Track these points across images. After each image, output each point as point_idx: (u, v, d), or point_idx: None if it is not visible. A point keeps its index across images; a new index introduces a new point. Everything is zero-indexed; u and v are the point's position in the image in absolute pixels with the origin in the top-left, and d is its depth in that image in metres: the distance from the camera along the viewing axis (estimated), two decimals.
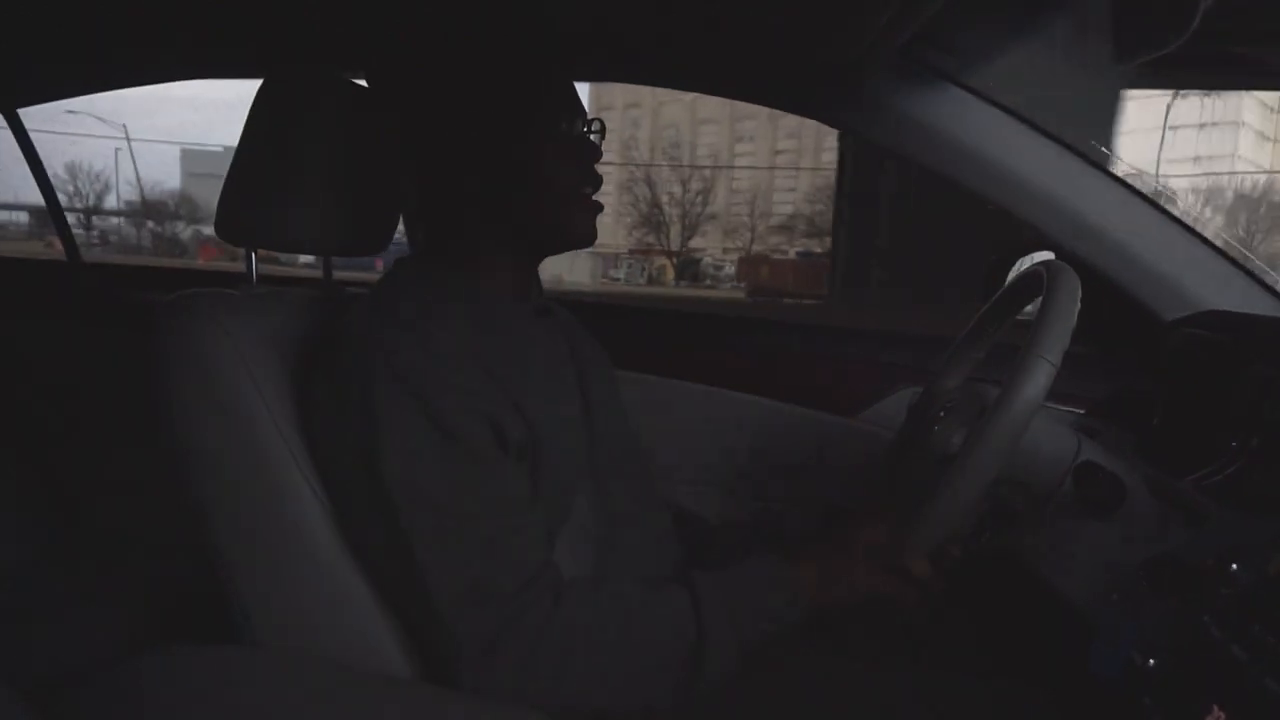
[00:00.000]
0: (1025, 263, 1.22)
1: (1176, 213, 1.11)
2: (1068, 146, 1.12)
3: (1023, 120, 1.12)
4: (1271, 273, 1.10)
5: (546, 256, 0.88)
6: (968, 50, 1.10)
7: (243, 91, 1.01)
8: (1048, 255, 1.15)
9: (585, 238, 0.84)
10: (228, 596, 0.79)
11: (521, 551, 0.72)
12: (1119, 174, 1.11)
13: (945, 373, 0.98)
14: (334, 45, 1.19)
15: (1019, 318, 0.94)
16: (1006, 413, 0.69)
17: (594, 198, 0.84)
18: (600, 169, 0.85)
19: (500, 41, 0.81)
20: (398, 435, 0.70)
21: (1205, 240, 1.10)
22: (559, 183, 0.81)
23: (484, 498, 0.72)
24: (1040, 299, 0.75)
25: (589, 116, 0.84)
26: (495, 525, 0.71)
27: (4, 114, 1.70)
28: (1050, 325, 0.71)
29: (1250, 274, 1.10)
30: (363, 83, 0.92)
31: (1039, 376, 0.69)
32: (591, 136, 0.84)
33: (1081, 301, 0.73)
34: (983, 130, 1.12)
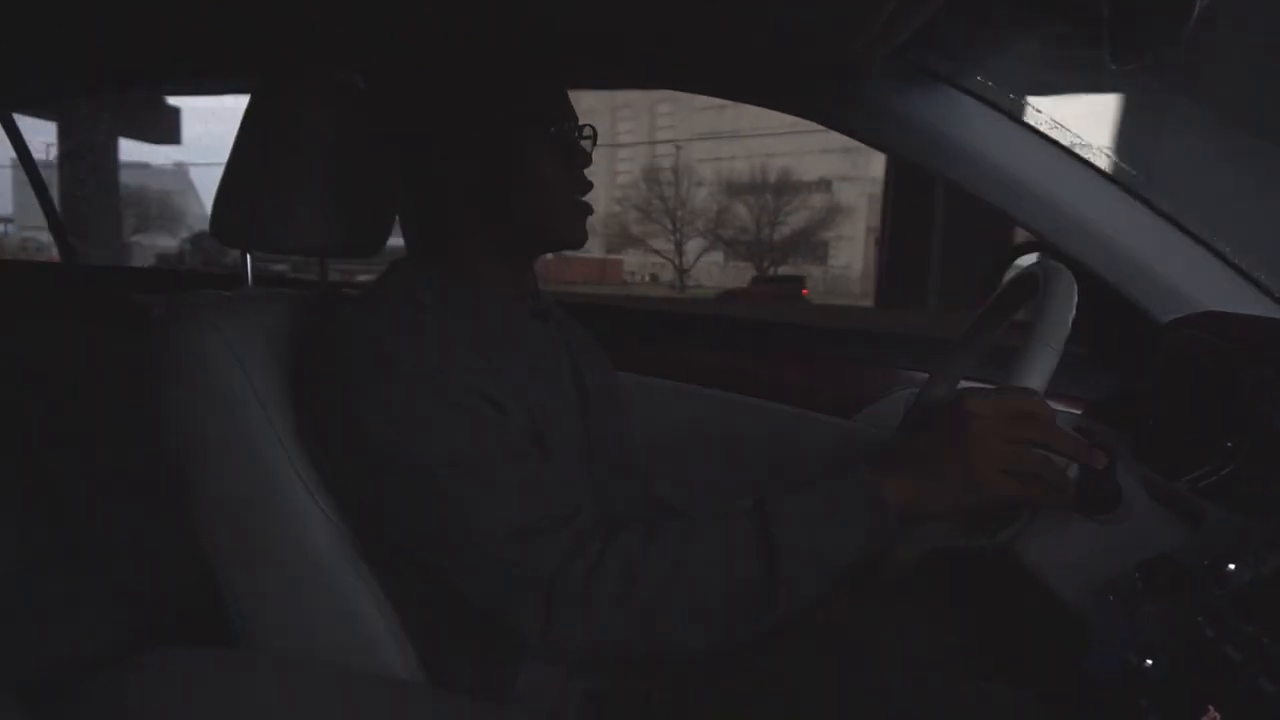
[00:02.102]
0: (1022, 263, 1.22)
1: (1173, 213, 1.11)
2: (1063, 148, 1.12)
3: (1019, 122, 1.12)
4: (1267, 274, 1.11)
5: (538, 256, 0.89)
6: (965, 52, 1.11)
7: None
8: (1044, 256, 1.15)
9: (575, 239, 0.84)
10: (224, 598, 0.79)
11: (559, 488, 0.71)
12: (1115, 175, 1.12)
13: (942, 373, 0.98)
14: (330, 45, 1.19)
15: (1016, 319, 0.94)
16: None
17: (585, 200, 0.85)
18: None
19: (494, 42, 0.81)
20: (408, 420, 0.70)
21: (1201, 241, 1.10)
22: (551, 184, 0.82)
23: (508, 449, 0.71)
24: (1037, 299, 0.75)
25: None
26: (527, 469, 0.71)
27: None
28: (1050, 316, 0.71)
29: (1246, 275, 1.10)
30: (358, 83, 0.92)
31: (1042, 363, 0.70)
32: (582, 142, 0.84)
33: (1077, 302, 0.73)
34: (979, 132, 1.12)
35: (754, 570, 0.67)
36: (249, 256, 0.92)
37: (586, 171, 0.85)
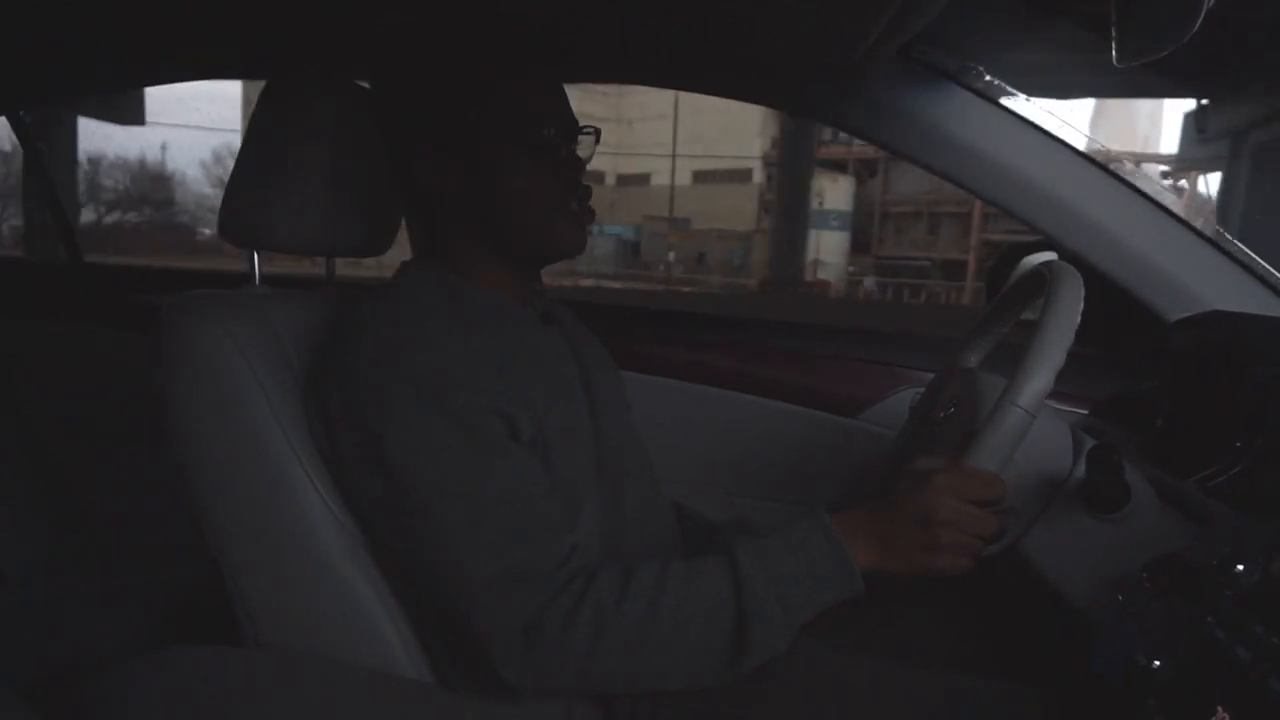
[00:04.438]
0: (1029, 263, 1.22)
1: (1180, 212, 1.11)
2: (1070, 146, 1.12)
3: (1025, 120, 1.12)
4: (1275, 273, 1.10)
5: (538, 265, 0.88)
6: (970, 50, 1.10)
7: None
8: (1051, 255, 1.15)
9: (570, 248, 0.83)
10: (232, 597, 0.79)
11: (550, 534, 0.72)
12: (1121, 173, 1.11)
13: (948, 373, 0.98)
14: (338, 47, 1.19)
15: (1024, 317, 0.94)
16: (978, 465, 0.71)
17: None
18: None
19: (465, 50, 0.80)
20: (415, 433, 0.70)
21: (1209, 240, 1.10)
22: (538, 196, 0.80)
23: (508, 485, 0.72)
24: (1043, 300, 0.75)
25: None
26: (523, 510, 0.72)
27: (6, 114, 1.71)
28: (1057, 317, 0.71)
29: (1254, 273, 1.09)
30: (365, 85, 0.93)
31: (1049, 364, 0.69)
32: (579, 146, 0.83)
33: (1085, 301, 0.73)
34: (985, 130, 1.12)
35: (725, 628, 0.69)
36: (256, 255, 0.92)
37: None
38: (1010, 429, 0.70)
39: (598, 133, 0.85)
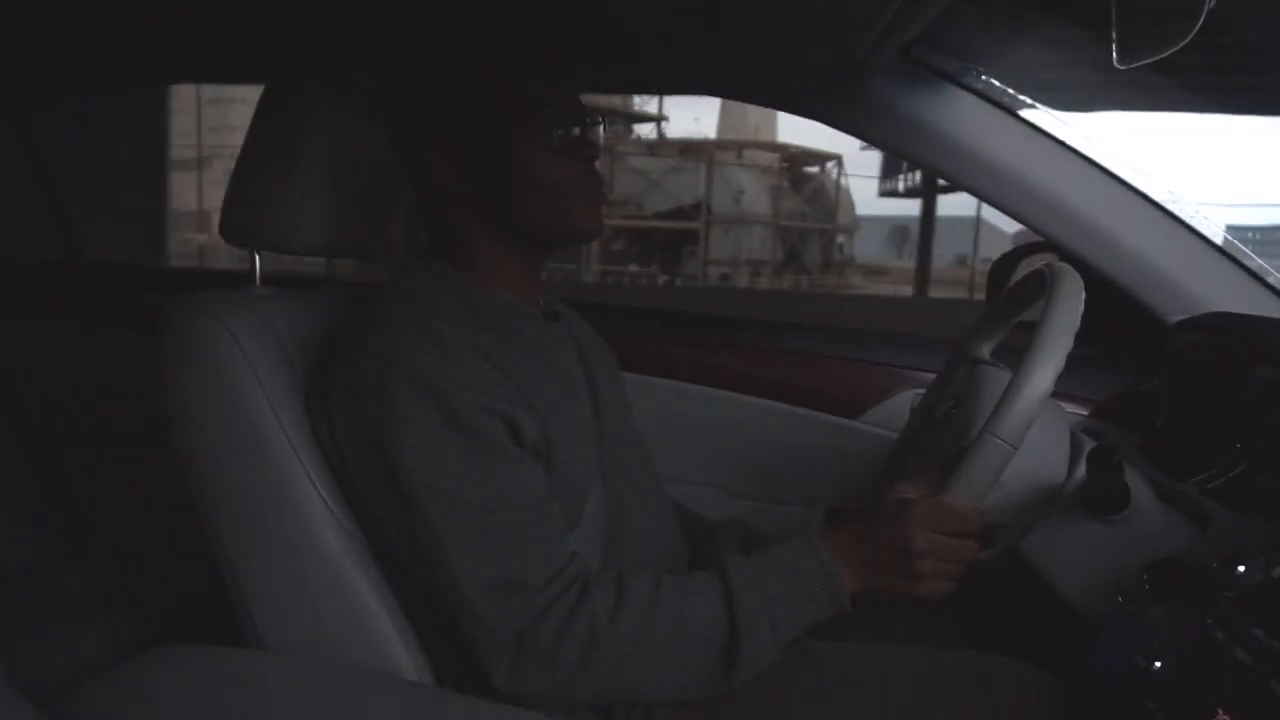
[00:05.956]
0: (1030, 264, 1.22)
1: (1180, 213, 1.11)
2: (1070, 147, 1.12)
3: (1025, 121, 1.12)
4: (1275, 274, 1.10)
5: (551, 252, 0.88)
6: (970, 52, 1.10)
7: None
8: (1051, 256, 1.15)
9: (589, 232, 0.83)
10: (233, 597, 0.79)
11: (547, 543, 0.73)
12: (1122, 175, 1.12)
13: (948, 375, 0.98)
14: (339, 45, 1.19)
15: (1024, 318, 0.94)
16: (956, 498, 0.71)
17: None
18: None
19: (473, 44, 0.80)
20: (417, 435, 0.70)
21: (1209, 241, 1.10)
22: (554, 184, 0.80)
23: (506, 492, 0.72)
24: (1042, 306, 0.75)
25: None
26: (519, 519, 0.72)
27: (7, 114, 1.71)
28: (1056, 320, 0.70)
29: (1254, 275, 1.09)
30: (367, 83, 0.93)
31: (1048, 368, 0.69)
32: (589, 133, 0.83)
33: (1085, 302, 0.73)
34: (985, 131, 1.12)
35: (717, 645, 0.71)
36: (257, 255, 0.92)
37: None
38: (990, 462, 0.70)
39: (603, 121, 0.85)
